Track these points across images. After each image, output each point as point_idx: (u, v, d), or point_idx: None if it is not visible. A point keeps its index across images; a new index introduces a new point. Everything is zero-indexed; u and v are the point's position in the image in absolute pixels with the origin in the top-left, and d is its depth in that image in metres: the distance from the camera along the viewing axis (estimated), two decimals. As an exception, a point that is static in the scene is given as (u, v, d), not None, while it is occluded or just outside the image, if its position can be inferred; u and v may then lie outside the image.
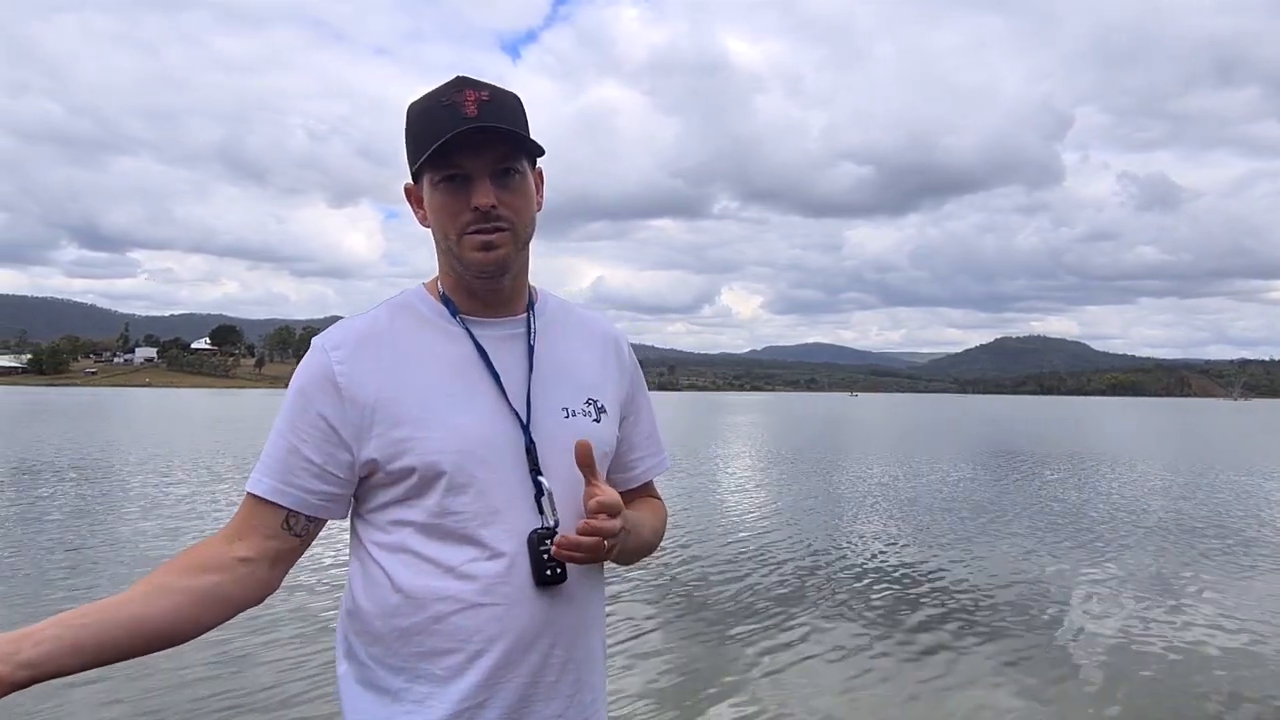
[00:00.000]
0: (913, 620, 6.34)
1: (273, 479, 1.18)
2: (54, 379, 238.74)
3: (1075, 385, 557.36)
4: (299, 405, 1.19)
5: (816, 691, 4.85)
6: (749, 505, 12.56)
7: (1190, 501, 13.31)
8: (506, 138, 1.18)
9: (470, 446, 1.18)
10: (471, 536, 1.17)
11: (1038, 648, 5.70)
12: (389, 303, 1.28)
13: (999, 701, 4.79)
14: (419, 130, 1.19)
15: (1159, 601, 7.00)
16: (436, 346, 1.23)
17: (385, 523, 1.20)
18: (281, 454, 1.18)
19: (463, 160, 1.16)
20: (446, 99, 1.18)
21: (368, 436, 1.17)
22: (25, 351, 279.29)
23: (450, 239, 1.20)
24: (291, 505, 1.18)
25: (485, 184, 1.17)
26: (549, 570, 1.18)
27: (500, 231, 1.19)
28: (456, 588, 1.16)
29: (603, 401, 1.32)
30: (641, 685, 4.89)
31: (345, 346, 1.20)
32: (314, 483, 1.18)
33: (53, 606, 6.25)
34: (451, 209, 1.18)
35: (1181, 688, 5.04)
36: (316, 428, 1.18)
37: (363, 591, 1.21)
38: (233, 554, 1.17)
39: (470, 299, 1.26)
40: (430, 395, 1.19)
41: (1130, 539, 9.89)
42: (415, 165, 1.20)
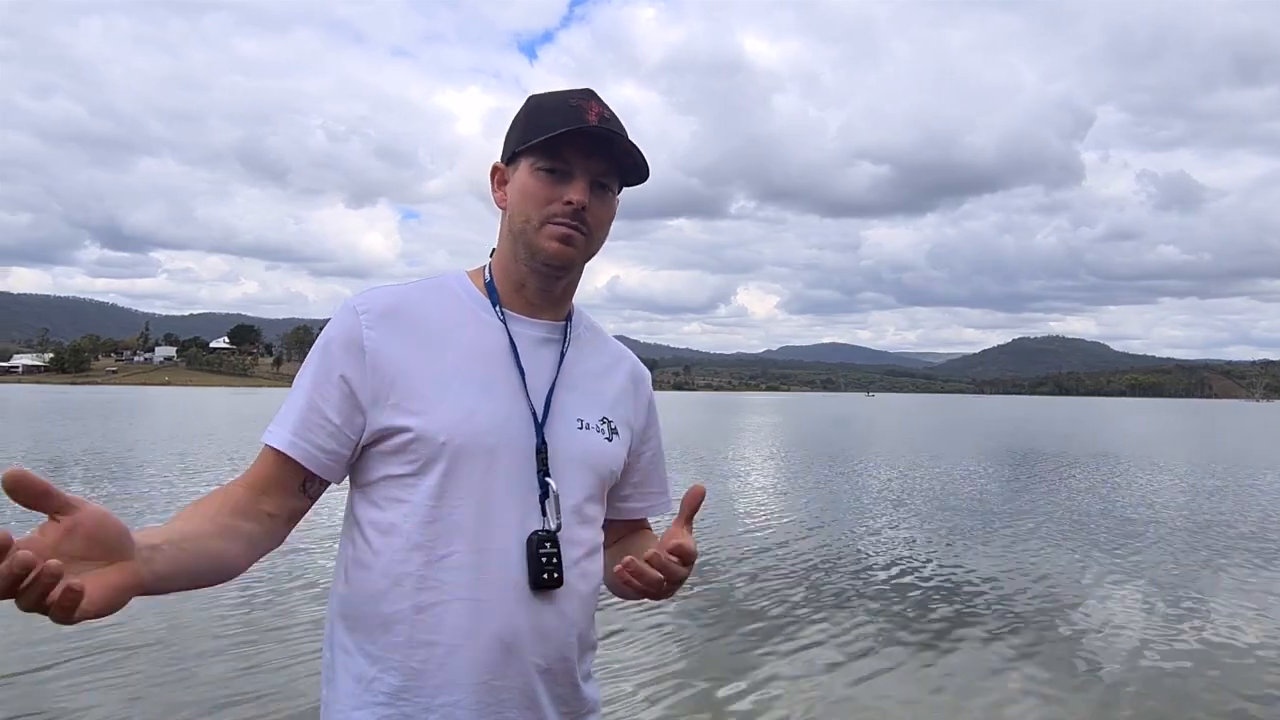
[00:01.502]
0: (929, 620, 6.36)
1: (291, 433, 1.17)
2: (75, 377, 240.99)
3: (1094, 386, 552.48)
4: (323, 363, 1.18)
5: (832, 692, 4.87)
6: (765, 505, 12.58)
7: (1210, 503, 13.23)
8: (616, 155, 1.21)
9: (478, 433, 1.16)
10: (466, 527, 1.15)
11: (1057, 649, 5.70)
12: (427, 281, 1.28)
13: (1017, 703, 4.80)
14: (536, 118, 1.21)
15: (1178, 603, 6.99)
16: (467, 331, 1.23)
17: (381, 499, 1.18)
18: (302, 409, 1.18)
19: (571, 157, 1.19)
20: (574, 100, 1.20)
21: (382, 404, 1.16)
22: (47, 350, 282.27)
23: (531, 223, 1.20)
24: (307, 464, 1.17)
25: (583, 183, 1.19)
26: (546, 574, 1.16)
27: (580, 233, 1.20)
28: (442, 578, 1.13)
29: (617, 423, 1.31)
30: (655, 686, 4.91)
31: (375, 311, 1.19)
32: (329, 442, 1.17)
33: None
34: (543, 196, 1.19)
35: (1201, 690, 5.03)
36: (338, 388, 1.17)
37: (352, 572, 1.19)
38: (260, 508, 1.16)
39: (517, 293, 1.26)
40: (450, 375, 1.18)
41: (1150, 540, 9.86)
42: (521, 146, 1.21)
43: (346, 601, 1.18)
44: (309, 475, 1.18)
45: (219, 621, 5.91)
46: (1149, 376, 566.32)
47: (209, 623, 5.87)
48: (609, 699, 4.58)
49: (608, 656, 5.25)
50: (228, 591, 6.62)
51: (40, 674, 4.83)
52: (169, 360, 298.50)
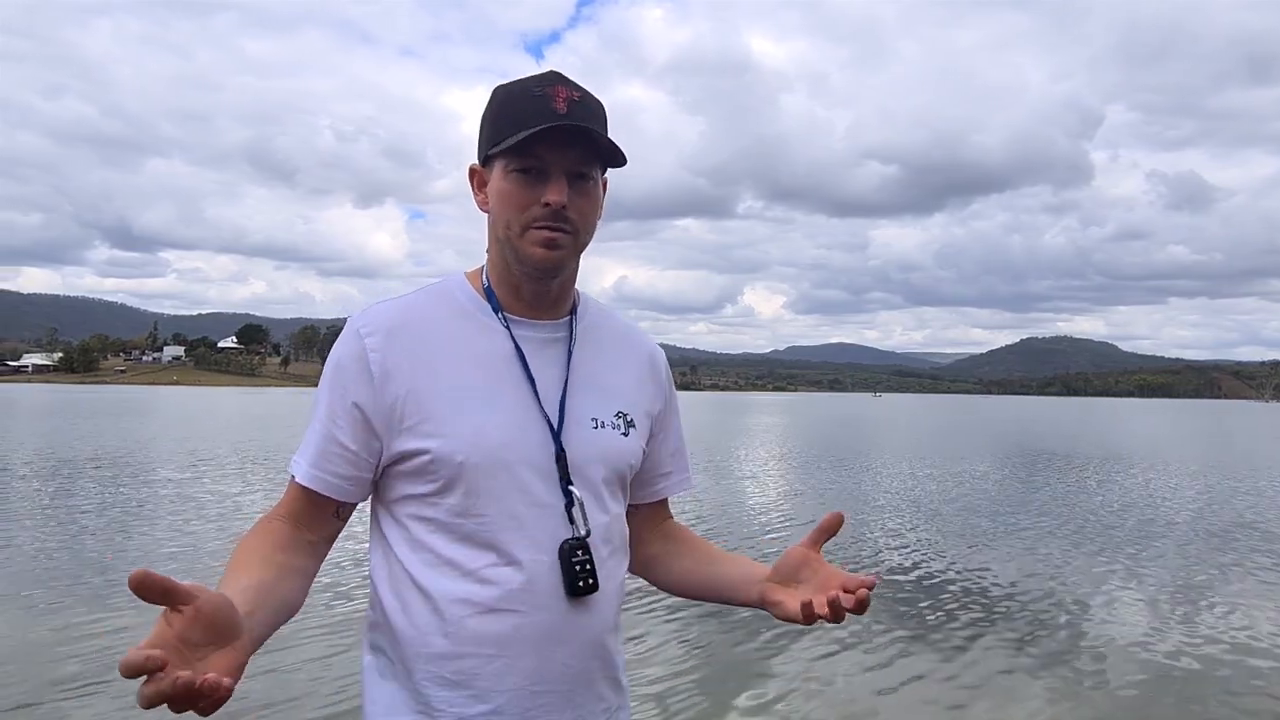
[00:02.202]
0: (941, 622, 6.34)
1: (311, 465, 1.18)
2: (84, 377, 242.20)
3: (1102, 386, 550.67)
4: (334, 390, 1.18)
5: (841, 693, 4.86)
6: (774, 506, 12.56)
7: (1221, 505, 13.16)
8: (592, 141, 1.16)
9: (495, 448, 1.15)
10: (492, 541, 1.15)
11: (1066, 652, 5.68)
12: (427, 289, 1.26)
13: (1026, 705, 4.79)
14: (503, 114, 1.17)
15: (1194, 605, 6.96)
16: (473, 341, 1.20)
17: (406, 517, 1.18)
18: (319, 440, 1.18)
19: (544, 154, 1.14)
20: (538, 89, 1.15)
21: (397, 428, 1.16)
22: (57, 350, 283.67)
23: (512, 230, 1.17)
24: (331, 494, 1.18)
25: (561, 182, 1.15)
26: (581, 582, 1.17)
27: (564, 233, 1.16)
28: (475, 592, 1.14)
29: (632, 415, 1.30)
30: (668, 688, 4.93)
31: (379, 332, 1.18)
32: (348, 469, 1.18)
33: (89, 598, 6.39)
34: (520, 200, 1.16)
35: (1218, 692, 5.01)
36: (350, 415, 1.16)
37: (384, 586, 1.20)
38: (304, 537, 1.18)
39: (515, 296, 1.24)
40: (460, 391, 1.17)
41: (1160, 542, 9.81)
42: (492, 148, 1.17)
43: (382, 612, 1.19)
44: (338, 503, 1.20)
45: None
46: (1158, 377, 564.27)
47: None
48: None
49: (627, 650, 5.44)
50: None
51: (55, 687, 4.88)
52: (177, 360, 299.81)
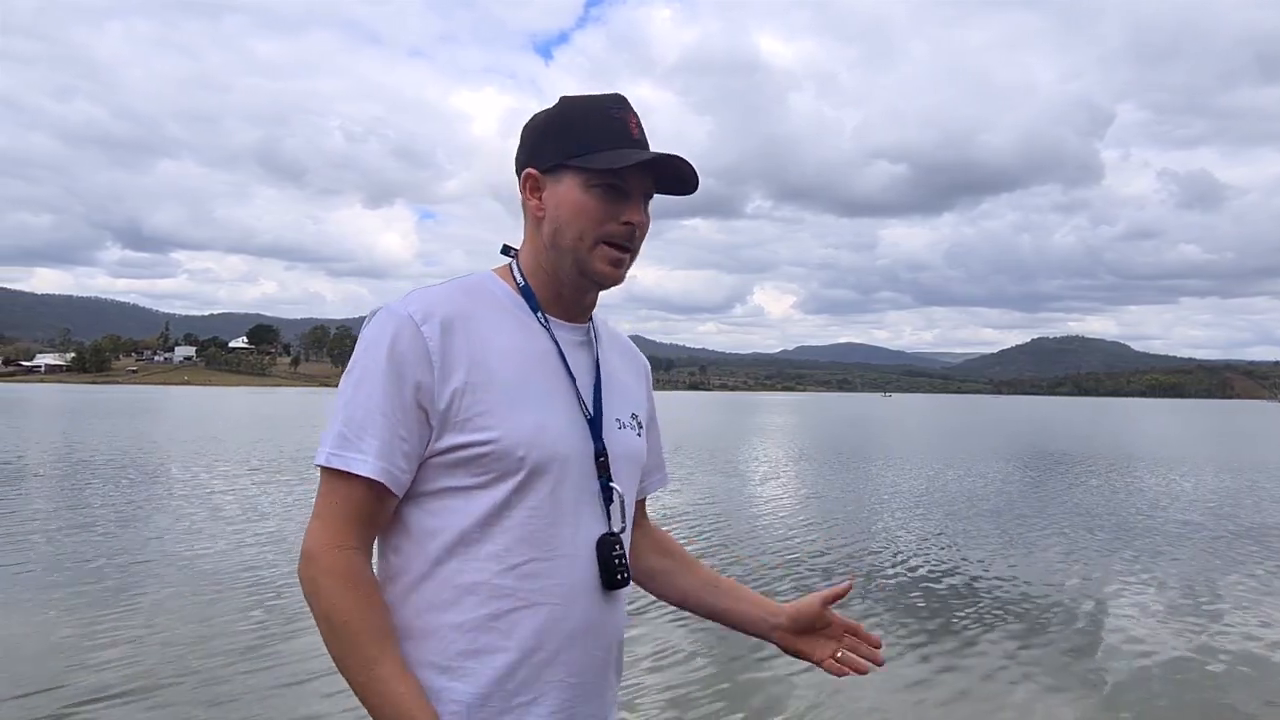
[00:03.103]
0: (948, 623, 6.39)
1: (380, 458, 1.13)
2: (96, 377, 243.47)
3: (1114, 386, 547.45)
4: (393, 379, 1.13)
5: (849, 693, 4.89)
6: (784, 506, 12.61)
7: (1234, 506, 13.15)
8: (676, 176, 1.25)
9: (552, 444, 1.18)
10: (539, 535, 1.16)
11: (1076, 654, 5.70)
12: (461, 283, 1.25)
13: (1039, 706, 4.82)
14: (580, 129, 1.21)
15: (1204, 605, 6.99)
16: (518, 338, 1.22)
17: (440, 508, 1.17)
18: (383, 430, 1.13)
19: (628, 176, 1.20)
20: (616, 112, 1.22)
21: (453, 420, 1.15)
22: (69, 350, 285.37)
23: (585, 242, 1.20)
24: (398, 490, 1.15)
25: (641, 203, 1.22)
26: (620, 575, 1.20)
27: (629, 253, 1.24)
28: (516, 586, 1.14)
29: (640, 417, 1.37)
30: (675, 687, 4.98)
31: (434, 320, 1.16)
32: (408, 463, 1.15)
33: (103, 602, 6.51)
34: (600, 215, 1.20)
35: (1228, 693, 5.04)
36: (413, 405, 1.14)
37: (403, 581, 1.17)
38: (369, 558, 1.16)
39: (556, 301, 1.27)
40: (516, 387, 1.18)
41: (1172, 544, 9.83)
42: (572, 159, 1.20)
43: (399, 613, 1.16)
44: (393, 499, 1.17)
45: (234, 623, 6.02)
46: (1170, 377, 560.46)
47: (225, 625, 5.98)
48: (631, 699, 4.68)
49: (629, 657, 5.47)
50: (235, 595, 6.76)
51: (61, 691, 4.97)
52: (188, 360, 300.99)
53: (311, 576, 1.13)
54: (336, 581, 1.11)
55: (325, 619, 1.11)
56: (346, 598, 1.10)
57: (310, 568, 1.13)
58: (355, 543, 1.13)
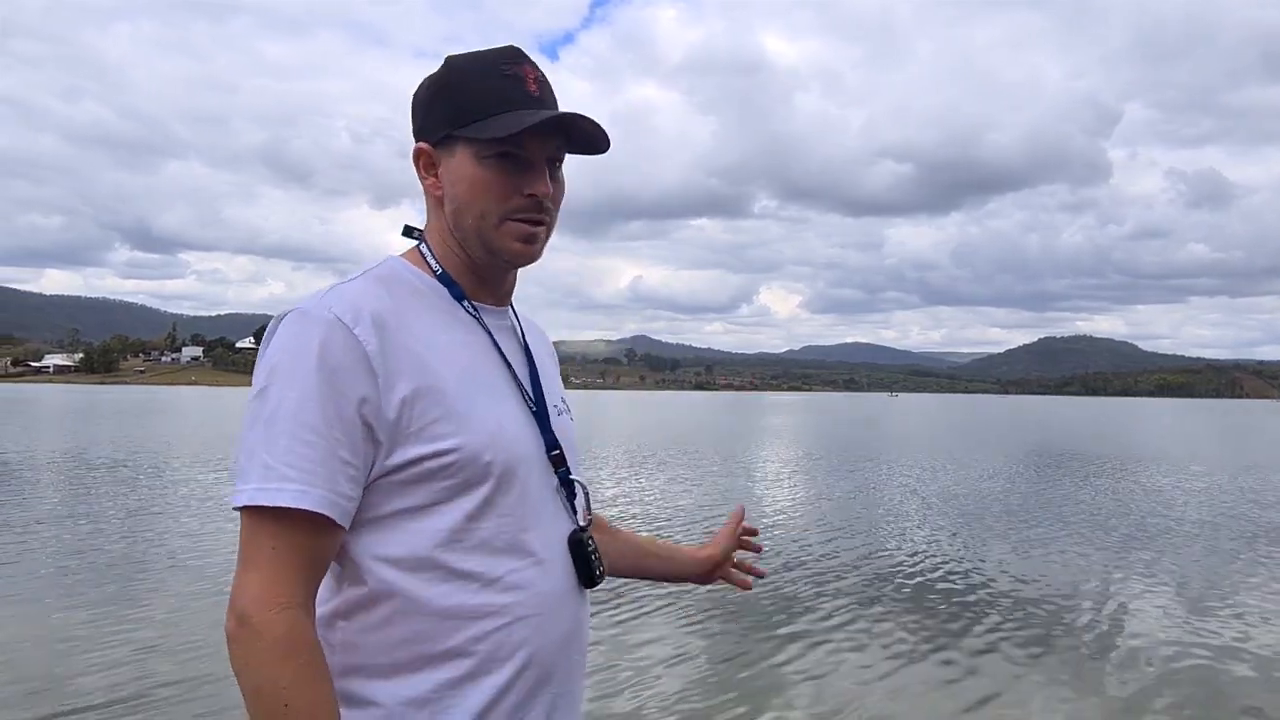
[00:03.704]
0: (954, 623, 6.34)
1: (324, 488, 0.96)
2: (104, 377, 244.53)
3: (1121, 386, 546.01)
4: (328, 392, 0.97)
5: (853, 692, 4.86)
6: (789, 507, 12.57)
7: (1241, 506, 13.06)
8: (582, 132, 1.10)
9: (512, 443, 1.07)
10: (515, 543, 1.05)
11: (1083, 653, 5.67)
12: (375, 274, 1.09)
13: (1042, 707, 4.78)
14: (469, 93, 1.06)
15: (1209, 609, 6.93)
16: (452, 331, 1.10)
17: (396, 535, 1.02)
18: (322, 455, 0.96)
19: (526, 142, 1.06)
20: (509, 68, 1.08)
21: (404, 432, 1.00)
22: (78, 350, 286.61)
23: (488, 220, 1.07)
24: (344, 522, 0.99)
25: (544, 170, 1.08)
26: (598, 570, 1.13)
27: (542, 225, 1.10)
28: (502, 601, 1.03)
29: (567, 400, 1.28)
30: (680, 685, 4.94)
31: (365, 321, 1.00)
32: (352, 488, 0.99)
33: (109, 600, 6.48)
34: (500, 190, 1.07)
35: (1234, 693, 4.99)
36: (352, 421, 0.98)
37: (365, 618, 1.02)
38: (314, 614, 1.00)
39: (479, 286, 1.14)
40: (465, 386, 1.06)
41: (1180, 544, 9.75)
42: (459, 128, 1.06)
43: (365, 650, 1.02)
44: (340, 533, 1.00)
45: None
46: (1178, 377, 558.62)
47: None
48: (636, 698, 4.68)
49: (634, 656, 5.32)
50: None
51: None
52: (196, 360, 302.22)
53: (243, 642, 0.94)
54: (275, 651, 0.92)
55: (256, 695, 0.92)
56: (286, 671, 0.92)
57: (242, 631, 0.94)
58: (300, 598, 0.96)
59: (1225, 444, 30.68)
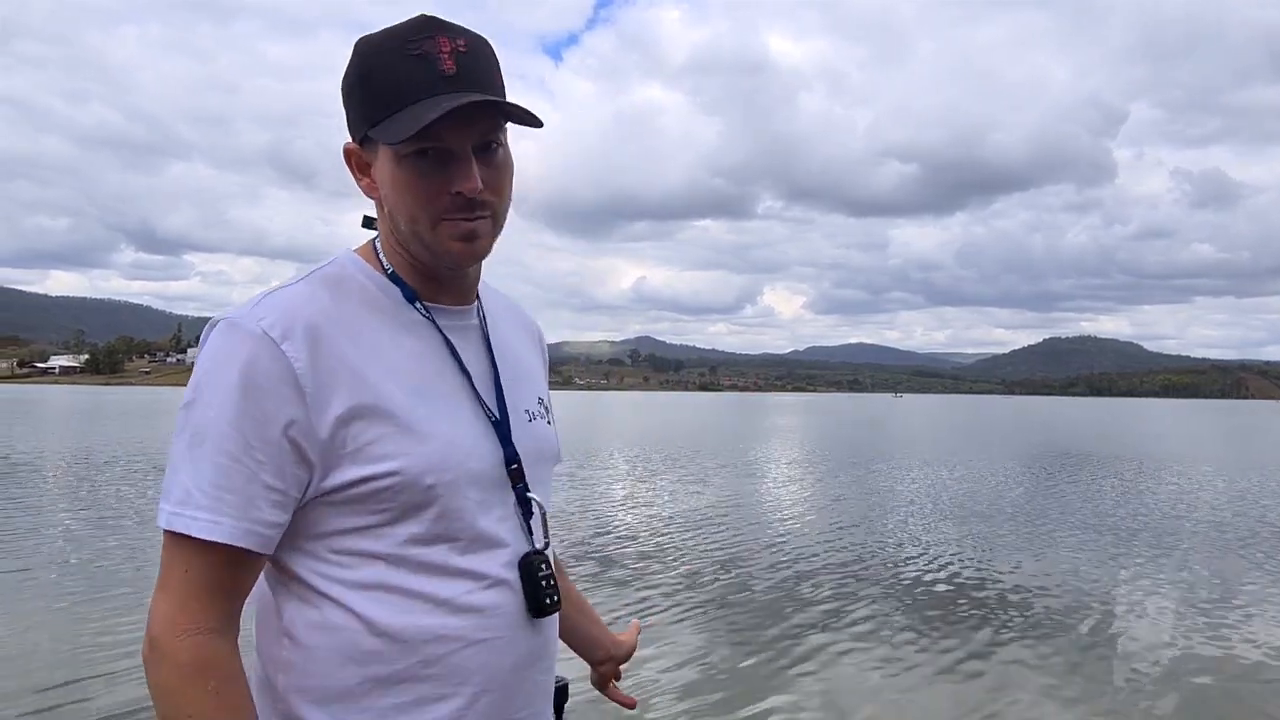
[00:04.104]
0: (960, 625, 6.32)
1: (236, 518, 0.91)
2: (109, 378, 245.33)
3: (1127, 386, 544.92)
4: (250, 414, 0.91)
5: (858, 694, 4.86)
6: (794, 508, 12.55)
7: (1247, 507, 13.01)
8: (495, 107, 0.95)
9: (461, 462, 0.99)
10: (464, 565, 0.99)
11: (1088, 656, 5.65)
12: (321, 275, 1.02)
13: (1048, 709, 4.76)
14: (378, 82, 0.95)
15: (1216, 611, 6.90)
16: (400, 338, 1.01)
17: (341, 555, 0.96)
18: (240, 483, 0.91)
19: (443, 132, 0.93)
20: (416, 46, 0.94)
21: (340, 454, 0.94)
22: (83, 351, 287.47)
23: (420, 224, 0.98)
24: (264, 550, 0.94)
25: (469, 164, 0.96)
26: (549, 598, 1.04)
27: (482, 219, 0.99)
28: (456, 624, 0.97)
29: (546, 399, 1.19)
30: (684, 688, 4.93)
31: (295, 334, 0.93)
32: (279, 514, 0.94)
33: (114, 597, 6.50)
34: (425, 190, 0.96)
35: (1241, 700, 4.98)
36: (277, 445, 0.92)
37: (312, 638, 0.96)
38: (234, 639, 0.95)
39: (429, 284, 1.05)
40: (411, 401, 0.97)
41: (1186, 545, 9.72)
42: (371, 128, 0.96)
43: (309, 672, 0.97)
44: (264, 561, 0.97)
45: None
46: (1184, 377, 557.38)
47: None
48: (643, 700, 4.66)
49: (637, 657, 5.28)
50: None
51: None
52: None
53: (152, 667, 0.91)
54: (181, 677, 0.89)
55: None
56: (194, 697, 0.89)
57: (152, 656, 0.91)
58: (212, 623, 0.91)
59: (1231, 445, 30.57)
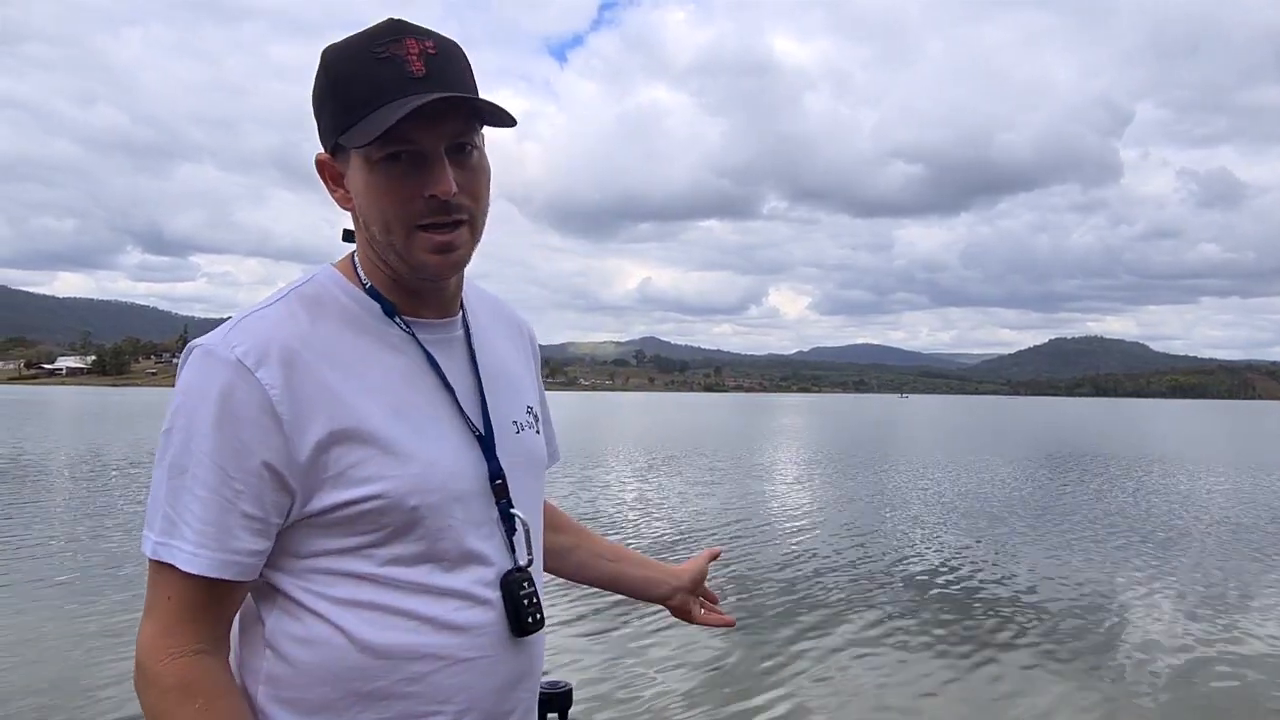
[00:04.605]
0: (967, 626, 6.30)
1: (213, 549, 0.91)
2: (116, 379, 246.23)
3: (1133, 387, 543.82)
4: (226, 444, 0.90)
5: (866, 696, 4.86)
6: (802, 509, 12.54)
7: (1258, 508, 12.97)
8: (471, 107, 0.94)
9: (444, 482, 0.98)
10: (450, 585, 0.98)
11: (1096, 656, 5.64)
12: (298, 294, 1.00)
13: (1055, 711, 4.75)
14: (346, 88, 0.94)
15: (1224, 612, 6.88)
16: (381, 356, 0.99)
17: (325, 574, 0.96)
18: (216, 513, 0.91)
19: (414, 134, 0.92)
20: (383, 50, 0.93)
21: (320, 479, 0.93)
22: (89, 353, 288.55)
23: (394, 234, 0.95)
24: (244, 578, 0.93)
25: (443, 165, 0.94)
26: (530, 618, 1.02)
27: (459, 226, 0.96)
28: (440, 643, 0.97)
29: (536, 408, 1.17)
30: (692, 689, 4.93)
31: (271, 360, 0.92)
32: (259, 542, 0.93)
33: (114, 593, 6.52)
34: (398, 196, 0.94)
35: (1246, 701, 4.96)
36: (255, 474, 0.91)
37: (295, 652, 0.95)
38: (223, 657, 0.96)
39: (409, 298, 1.02)
40: (393, 422, 0.96)
41: (1194, 546, 9.70)
42: (340, 135, 0.94)
43: (292, 684, 0.96)
44: (246, 589, 0.97)
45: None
46: (1190, 377, 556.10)
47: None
48: (645, 698, 4.69)
49: (632, 649, 5.31)
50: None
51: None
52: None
53: (141, 690, 0.92)
54: (169, 699, 0.90)
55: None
56: (183, 716, 0.90)
57: (140, 679, 0.92)
58: (198, 645, 0.92)
59: (1239, 445, 30.48)
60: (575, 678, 1.45)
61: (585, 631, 5.85)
